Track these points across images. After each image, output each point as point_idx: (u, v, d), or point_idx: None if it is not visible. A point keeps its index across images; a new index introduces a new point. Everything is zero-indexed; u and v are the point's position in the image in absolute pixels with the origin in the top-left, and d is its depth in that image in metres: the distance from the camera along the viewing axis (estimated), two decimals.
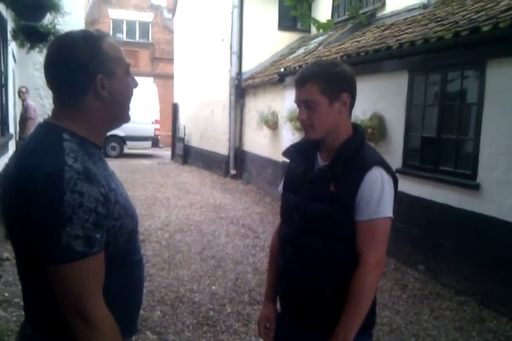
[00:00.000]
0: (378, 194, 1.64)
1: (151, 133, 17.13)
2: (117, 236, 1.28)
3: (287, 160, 1.96)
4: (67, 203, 1.13)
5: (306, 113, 1.69)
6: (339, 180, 1.67)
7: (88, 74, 1.27)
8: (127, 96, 1.38)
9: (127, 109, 1.41)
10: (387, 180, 1.68)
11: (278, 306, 2.00)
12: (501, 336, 3.88)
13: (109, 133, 1.45)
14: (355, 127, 1.79)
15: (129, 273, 1.38)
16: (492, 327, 4.03)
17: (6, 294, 4.18)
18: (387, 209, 1.66)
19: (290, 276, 1.81)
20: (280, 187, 1.97)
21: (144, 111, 15.32)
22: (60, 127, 1.28)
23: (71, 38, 1.29)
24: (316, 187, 1.73)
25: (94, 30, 1.37)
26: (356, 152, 1.70)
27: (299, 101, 1.72)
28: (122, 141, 16.62)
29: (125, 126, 1.52)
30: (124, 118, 1.42)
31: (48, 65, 1.29)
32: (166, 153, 18.12)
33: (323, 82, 1.65)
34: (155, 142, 17.49)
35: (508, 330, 3.98)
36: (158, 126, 17.45)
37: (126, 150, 17.29)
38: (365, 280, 1.64)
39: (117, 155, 16.47)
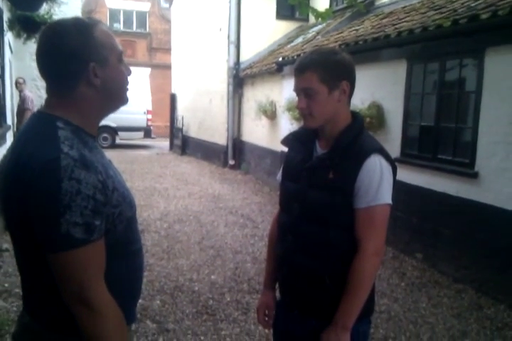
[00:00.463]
0: (377, 181, 1.64)
1: (143, 124, 17.03)
2: (116, 223, 1.28)
3: (286, 150, 1.95)
4: (64, 190, 1.13)
5: (306, 101, 1.69)
6: (338, 167, 1.67)
7: (80, 63, 1.26)
8: (121, 84, 1.37)
9: (123, 94, 1.39)
10: (386, 167, 1.68)
11: (277, 294, 2.01)
12: (499, 323, 3.92)
13: (100, 124, 1.44)
14: (354, 115, 1.79)
15: (128, 262, 1.38)
16: (490, 315, 4.06)
17: (6, 284, 4.20)
18: (386, 196, 1.66)
19: (289, 264, 1.82)
20: (279, 176, 1.97)
21: (136, 102, 15.16)
22: (54, 116, 1.27)
23: (62, 26, 1.27)
24: (315, 175, 1.72)
25: (86, 17, 1.35)
26: (355, 140, 1.70)
27: (298, 89, 1.72)
28: (114, 131, 16.51)
29: (117, 116, 1.51)
30: (120, 103, 1.41)
31: (40, 53, 1.28)
32: (165, 143, 18.09)
33: (322, 70, 1.65)
34: (147, 132, 17.40)
35: (506, 317, 4.01)
36: (150, 116, 17.39)
37: (121, 141, 17.21)
38: (364, 268, 1.65)
39: (109, 146, 16.28)
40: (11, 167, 1.24)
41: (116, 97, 1.38)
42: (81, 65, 1.26)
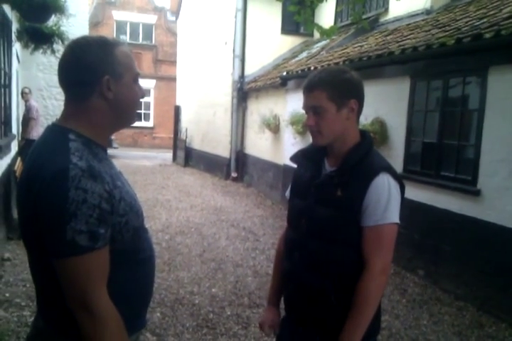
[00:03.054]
0: (385, 200, 1.65)
1: None
2: (123, 232, 1.32)
3: (288, 164, 1.98)
4: (71, 199, 1.18)
5: (314, 119, 1.71)
6: (346, 185, 1.68)
7: (95, 74, 1.32)
8: (133, 103, 1.43)
9: (132, 113, 1.46)
10: (394, 186, 1.69)
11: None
12: None
13: None
14: (363, 133, 1.81)
15: (135, 270, 1.41)
16: (491, 333, 4.04)
17: (7, 294, 4.19)
18: (394, 215, 1.67)
19: (295, 281, 1.82)
20: (287, 193, 1.98)
21: None
22: (67, 128, 1.33)
23: (86, 40, 1.36)
24: (323, 192, 1.74)
25: (112, 38, 1.43)
26: (363, 158, 1.71)
27: (307, 107, 1.74)
28: None
29: None
30: (129, 122, 1.48)
31: (61, 63, 1.36)
32: (168, 155, 18.14)
33: (331, 89, 1.67)
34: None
35: (507, 336, 3.98)
36: None
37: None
38: (371, 287, 1.64)
39: None
40: (24, 176, 1.31)
41: (126, 114, 1.44)
42: (96, 76, 1.32)
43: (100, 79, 1.32)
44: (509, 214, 4.29)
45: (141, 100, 1.51)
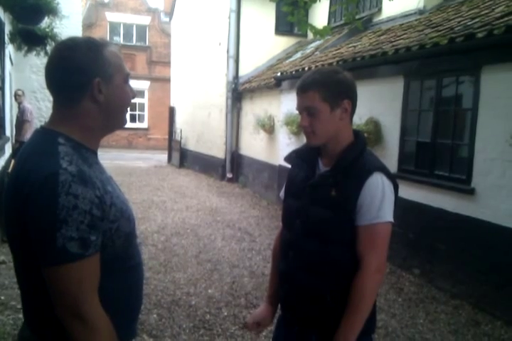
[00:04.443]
0: (379, 199, 1.66)
1: None
2: (114, 238, 1.29)
3: (283, 164, 1.99)
4: (61, 205, 1.15)
5: (308, 120, 1.72)
6: (340, 185, 1.69)
7: (86, 76, 1.28)
8: (124, 104, 1.40)
9: (123, 115, 1.42)
10: (388, 185, 1.70)
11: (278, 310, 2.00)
12: (496, 339, 3.91)
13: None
14: (357, 134, 1.82)
15: (126, 278, 1.38)
16: (487, 331, 4.06)
17: (3, 297, 4.17)
18: (388, 214, 1.68)
19: (291, 281, 1.82)
20: (281, 193, 1.99)
21: None
22: (56, 132, 1.30)
23: (74, 41, 1.32)
24: (318, 192, 1.74)
25: (99, 38, 1.39)
26: (357, 158, 1.72)
27: (300, 108, 1.75)
28: None
29: None
30: (120, 124, 1.43)
31: (49, 66, 1.32)
32: (163, 156, 18.11)
33: (324, 89, 1.68)
34: None
35: (503, 334, 4.01)
36: None
37: None
38: (366, 285, 1.65)
39: None
40: (12, 181, 1.26)
41: (117, 117, 1.40)
42: (86, 79, 1.28)
43: (91, 82, 1.29)
44: (503, 212, 4.32)
45: (135, 101, 1.48)
